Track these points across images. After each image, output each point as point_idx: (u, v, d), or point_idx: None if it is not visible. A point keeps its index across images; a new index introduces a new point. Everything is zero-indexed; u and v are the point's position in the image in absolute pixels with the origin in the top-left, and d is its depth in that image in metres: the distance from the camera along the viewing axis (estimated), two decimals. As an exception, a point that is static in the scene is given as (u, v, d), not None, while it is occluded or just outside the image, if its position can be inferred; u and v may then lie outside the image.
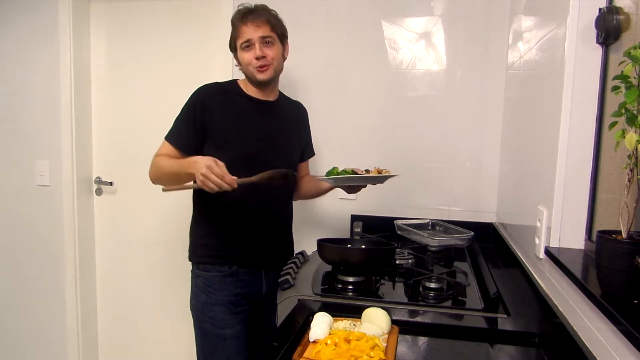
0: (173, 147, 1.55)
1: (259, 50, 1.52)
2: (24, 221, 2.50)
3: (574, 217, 1.05)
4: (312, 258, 1.70)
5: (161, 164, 1.52)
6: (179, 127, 1.56)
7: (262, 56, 1.52)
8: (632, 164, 0.75)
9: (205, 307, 1.57)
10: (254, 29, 1.52)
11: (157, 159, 1.55)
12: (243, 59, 1.55)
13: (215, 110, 1.54)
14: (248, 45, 1.53)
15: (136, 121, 2.41)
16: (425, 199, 2.07)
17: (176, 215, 2.34)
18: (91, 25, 2.43)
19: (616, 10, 0.95)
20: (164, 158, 1.53)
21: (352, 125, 2.12)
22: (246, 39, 1.52)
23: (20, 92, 2.43)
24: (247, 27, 1.52)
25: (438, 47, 2.03)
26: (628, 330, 0.66)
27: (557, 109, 1.07)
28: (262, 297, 1.64)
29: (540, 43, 1.33)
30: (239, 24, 1.54)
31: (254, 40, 1.52)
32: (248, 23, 1.52)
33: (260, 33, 1.52)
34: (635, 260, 0.73)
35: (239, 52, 1.56)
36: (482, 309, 1.23)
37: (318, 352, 0.93)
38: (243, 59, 1.55)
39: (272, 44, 1.55)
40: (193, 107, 1.54)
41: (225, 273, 1.56)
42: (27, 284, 2.53)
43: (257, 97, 1.61)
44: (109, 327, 2.57)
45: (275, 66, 1.56)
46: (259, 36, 1.52)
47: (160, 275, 2.43)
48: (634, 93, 0.72)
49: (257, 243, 1.59)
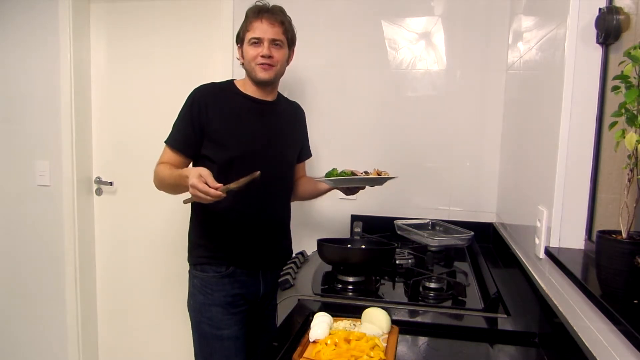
0: (173, 151, 1.55)
1: (267, 49, 1.52)
2: (24, 221, 2.50)
3: (574, 217, 1.05)
4: (312, 258, 1.71)
5: (161, 175, 1.52)
6: (178, 129, 1.56)
7: (268, 56, 1.52)
8: (632, 164, 0.75)
9: (202, 307, 1.56)
10: (267, 27, 1.51)
11: (158, 169, 1.54)
12: (248, 54, 1.54)
13: (212, 110, 1.53)
14: (257, 42, 1.52)
15: (136, 121, 2.41)
16: (425, 199, 2.07)
17: (176, 215, 2.34)
18: (91, 25, 2.43)
19: (616, 10, 0.95)
20: (164, 168, 1.52)
21: (351, 125, 2.12)
22: (257, 35, 1.52)
23: (20, 92, 2.43)
24: (261, 24, 1.52)
25: (438, 47, 2.03)
26: (628, 330, 0.66)
27: (557, 109, 1.07)
28: (260, 297, 1.63)
29: (540, 43, 1.33)
30: (253, 19, 1.53)
31: (264, 39, 1.52)
32: (263, 20, 1.52)
33: (272, 34, 1.52)
34: (635, 260, 0.73)
35: (246, 45, 1.55)
36: (482, 309, 1.23)
37: (318, 352, 0.94)
38: (248, 53, 1.54)
39: (281, 47, 1.55)
40: (190, 107, 1.54)
41: (222, 274, 1.56)
42: (27, 283, 2.53)
43: (255, 96, 1.60)
44: (109, 327, 2.57)
45: (278, 69, 1.56)
46: (270, 36, 1.52)
47: (160, 275, 2.43)
48: (634, 93, 0.72)
49: (254, 244, 1.59)
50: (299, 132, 1.78)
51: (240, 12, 2.15)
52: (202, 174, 1.30)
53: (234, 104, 1.57)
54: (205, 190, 1.27)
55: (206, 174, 1.30)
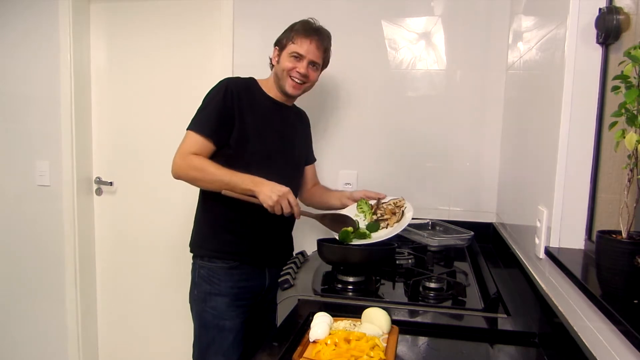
0: (204, 138, 1.51)
1: (305, 68, 1.58)
2: (24, 221, 2.50)
3: (574, 217, 1.05)
4: (312, 258, 1.71)
5: (208, 169, 1.48)
6: (207, 115, 1.53)
7: (305, 74, 1.58)
8: (632, 164, 0.75)
9: (207, 297, 1.58)
10: (312, 49, 1.58)
11: (201, 161, 1.49)
12: (285, 64, 1.58)
13: (244, 102, 1.56)
14: (297, 57, 1.57)
15: (136, 121, 2.41)
16: (425, 199, 2.07)
17: (176, 215, 2.34)
18: (91, 25, 2.43)
19: (616, 10, 0.95)
20: (211, 163, 1.49)
21: (351, 125, 2.12)
22: (301, 52, 1.57)
23: (21, 92, 2.43)
24: (310, 45, 1.57)
25: (438, 47, 2.03)
26: (628, 330, 0.66)
27: (557, 109, 1.07)
28: (265, 290, 1.67)
29: (540, 43, 1.33)
30: (303, 36, 1.57)
31: (306, 57, 1.57)
32: (312, 40, 1.58)
33: (314, 56, 1.59)
34: (635, 260, 0.73)
35: (285, 54, 1.58)
36: (482, 309, 1.23)
37: (318, 352, 0.93)
38: (285, 64, 1.58)
39: (317, 69, 1.63)
40: (224, 95, 1.53)
41: (230, 265, 1.59)
42: (27, 283, 2.53)
43: (277, 99, 1.66)
44: (109, 327, 2.57)
45: (306, 87, 1.63)
46: (311, 57, 1.58)
47: (160, 275, 2.43)
48: (634, 93, 0.72)
49: (264, 240, 1.62)
50: (307, 137, 1.87)
51: (241, 12, 2.18)
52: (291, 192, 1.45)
53: (260, 103, 1.62)
54: (296, 202, 1.46)
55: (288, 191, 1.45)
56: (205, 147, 1.52)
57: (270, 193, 1.42)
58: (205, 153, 1.52)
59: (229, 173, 1.47)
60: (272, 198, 1.42)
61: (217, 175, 1.47)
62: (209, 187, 1.52)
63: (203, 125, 1.52)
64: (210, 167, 1.48)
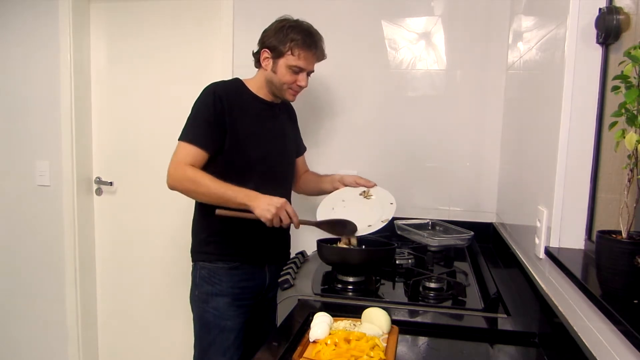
0: (197, 148, 1.49)
1: (305, 81, 1.59)
2: (24, 221, 2.50)
3: (574, 217, 1.05)
4: (312, 258, 1.71)
5: (202, 182, 1.45)
6: (198, 124, 1.51)
7: (304, 87, 1.59)
8: (632, 164, 0.75)
9: (209, 297, 1.58)
10: (312, 62, 1.58)
11: (195, 173, 1.47)
12: (284, 76, 1.56)
13: (235, 108, 1.54)
14: (297, 71, 1.56)
15: (136, 121, 2.41)
16: (425, 199, 2.07)
17: (176, 215, 2.34)
18: (91, 25, 2.43)
19: (616, 10, 0.95)
20: (205, 176, 1.46)
21: (351, 125, 2.12)
22: (302, 66, 1.55)
23: (21, 92, 2.43)
24: (311, 57, 1.57)
25: (438, 47, 2.03)
26: (628, 330, 0.66)
27: (557, 109, 1.07)
28: (265, 289, 1.67)
29: (540, 43, 1.33)
30: (303, 49, 1.53)
31: (305, 70, 1.57)
32: (313, 54, 1.56)
33: (313, 67, 1.60)
34: (635, 260, 0.73)
35: (283, 66, 1.55)
36: (482, 309, 1.23)
37: (318, 352, 0.94)
38: (284, 76, 1.56)
39: (310, 75, 1.63)
40: (213, 103, 1.51)
41: (231, 266, 1.59)
42: (27, 284, 2.53)
43: (266, 99, 1.64)
44: (109, 328, 2.57)
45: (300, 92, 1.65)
46: (311, 68, 1.59)
47: (160, 275, 2.43)
48: (634, 93, 0.72)
49: (263, 239, 1.61)
50: (295, 129, 1.85)
51: (241, 12, 2.18)
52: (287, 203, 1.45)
53: (250, 105, 1.60)
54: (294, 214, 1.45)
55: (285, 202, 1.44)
56: (199, 156, 1.49)
57: (267, 207, 1.40)
58: (199, 163, 1.50)
59: (224, 186, 1.45)
60: (270, 211, 1.40)
61: (212, 188, 1.45)
62: (203, 199, 1.51)
63: (195, 135, 1.50)
64: (204, 179, 1.46)
